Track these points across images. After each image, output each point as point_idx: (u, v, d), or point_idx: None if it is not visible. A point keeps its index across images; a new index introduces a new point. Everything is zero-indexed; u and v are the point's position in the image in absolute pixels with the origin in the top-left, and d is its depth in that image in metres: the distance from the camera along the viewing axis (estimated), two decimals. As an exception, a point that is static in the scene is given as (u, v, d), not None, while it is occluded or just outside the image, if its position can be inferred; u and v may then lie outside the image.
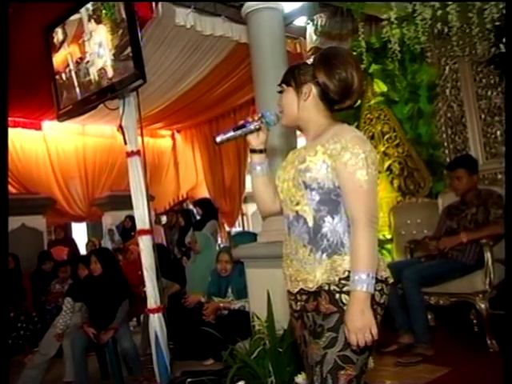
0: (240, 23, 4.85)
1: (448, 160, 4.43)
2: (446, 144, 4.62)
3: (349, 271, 1.43)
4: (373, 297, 1.42)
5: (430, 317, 3.79)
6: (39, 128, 7.85)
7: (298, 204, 1.53)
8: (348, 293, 1.42)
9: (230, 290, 3.94)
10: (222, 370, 2.91)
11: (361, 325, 1.37)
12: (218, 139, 1.66)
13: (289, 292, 1.64)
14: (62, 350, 3.88)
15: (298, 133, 1.87)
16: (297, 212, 1.54)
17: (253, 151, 1.70)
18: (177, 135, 9.90)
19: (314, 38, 5.62)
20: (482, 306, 3.23)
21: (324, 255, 1.48)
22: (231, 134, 1.65)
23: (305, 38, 5.84)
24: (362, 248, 1.40)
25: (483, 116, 4.35)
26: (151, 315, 3.19)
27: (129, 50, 2.85)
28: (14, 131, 7.22)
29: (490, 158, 4.30)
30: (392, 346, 3.42)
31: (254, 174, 1.71)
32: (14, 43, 4.35)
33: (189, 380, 3.06)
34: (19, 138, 7.61)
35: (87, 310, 3.84)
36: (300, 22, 5.58)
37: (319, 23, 5.40)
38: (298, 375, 2.54)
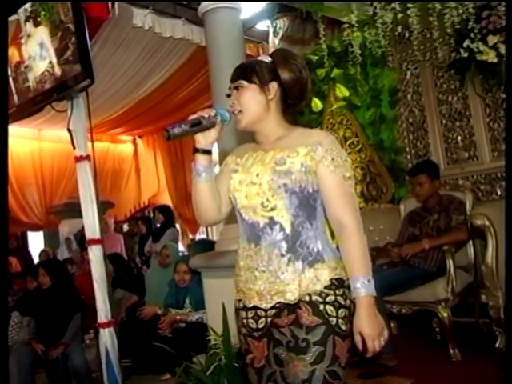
0: (201, 26, 4.73)
1: (410, 165, 4.39)
2: (407, 149, 4.59)
3: (332, 279, 1.39)
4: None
5: (392, 325, 3.73)
6: (-9, 132, 7.52)
7: (273, 209, 1.39)
8: (332, 303, 1.37)
9: (187, 301, 3.79)
10: (175, 388, 2.77)
11: (378, 330, 1.35)
12: (170, 134, 1.37)
13: (246, 309, 1.47)
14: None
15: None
16: (271, 218, 1.39)
17: (199, 151, 1.45)
18: (138, 140, 9.65)
19: (277, 42, 5.56)
20: (445, 314, 3.15)
21: (305, 264, 1.37)
22: (187, 129, 1.39)
23: (268, 42, 5.77)
24: (358, 253, 1.36)
25: (444, 121, 4.33)
26: (101, 330, 3.04)
27: (69, 52, 2.69)
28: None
29: (451, 164, 4.27)
30: (354, 357, 3.32)
31: (199, 178, 1.46)
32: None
33: (140, 399, 2.91)
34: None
35: (35, 325, 3.68)
36: (263, 26, 5.53)
37: (281, 27, 5.34)
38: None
